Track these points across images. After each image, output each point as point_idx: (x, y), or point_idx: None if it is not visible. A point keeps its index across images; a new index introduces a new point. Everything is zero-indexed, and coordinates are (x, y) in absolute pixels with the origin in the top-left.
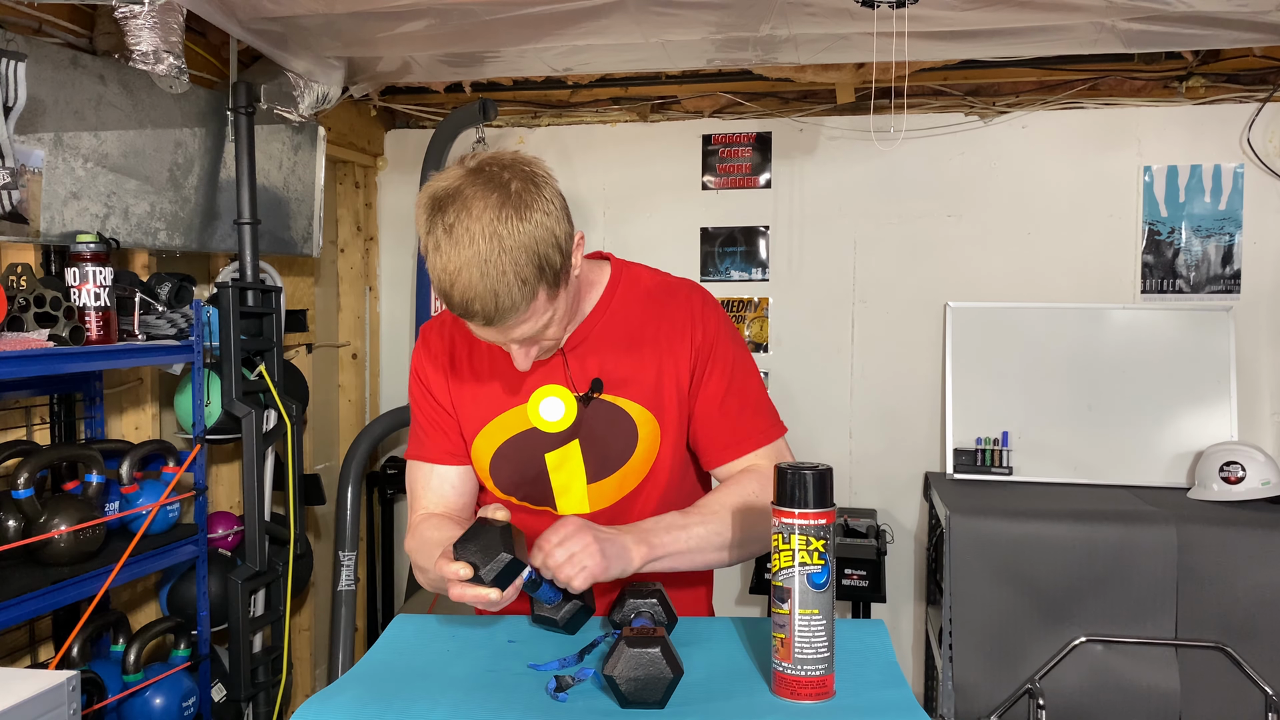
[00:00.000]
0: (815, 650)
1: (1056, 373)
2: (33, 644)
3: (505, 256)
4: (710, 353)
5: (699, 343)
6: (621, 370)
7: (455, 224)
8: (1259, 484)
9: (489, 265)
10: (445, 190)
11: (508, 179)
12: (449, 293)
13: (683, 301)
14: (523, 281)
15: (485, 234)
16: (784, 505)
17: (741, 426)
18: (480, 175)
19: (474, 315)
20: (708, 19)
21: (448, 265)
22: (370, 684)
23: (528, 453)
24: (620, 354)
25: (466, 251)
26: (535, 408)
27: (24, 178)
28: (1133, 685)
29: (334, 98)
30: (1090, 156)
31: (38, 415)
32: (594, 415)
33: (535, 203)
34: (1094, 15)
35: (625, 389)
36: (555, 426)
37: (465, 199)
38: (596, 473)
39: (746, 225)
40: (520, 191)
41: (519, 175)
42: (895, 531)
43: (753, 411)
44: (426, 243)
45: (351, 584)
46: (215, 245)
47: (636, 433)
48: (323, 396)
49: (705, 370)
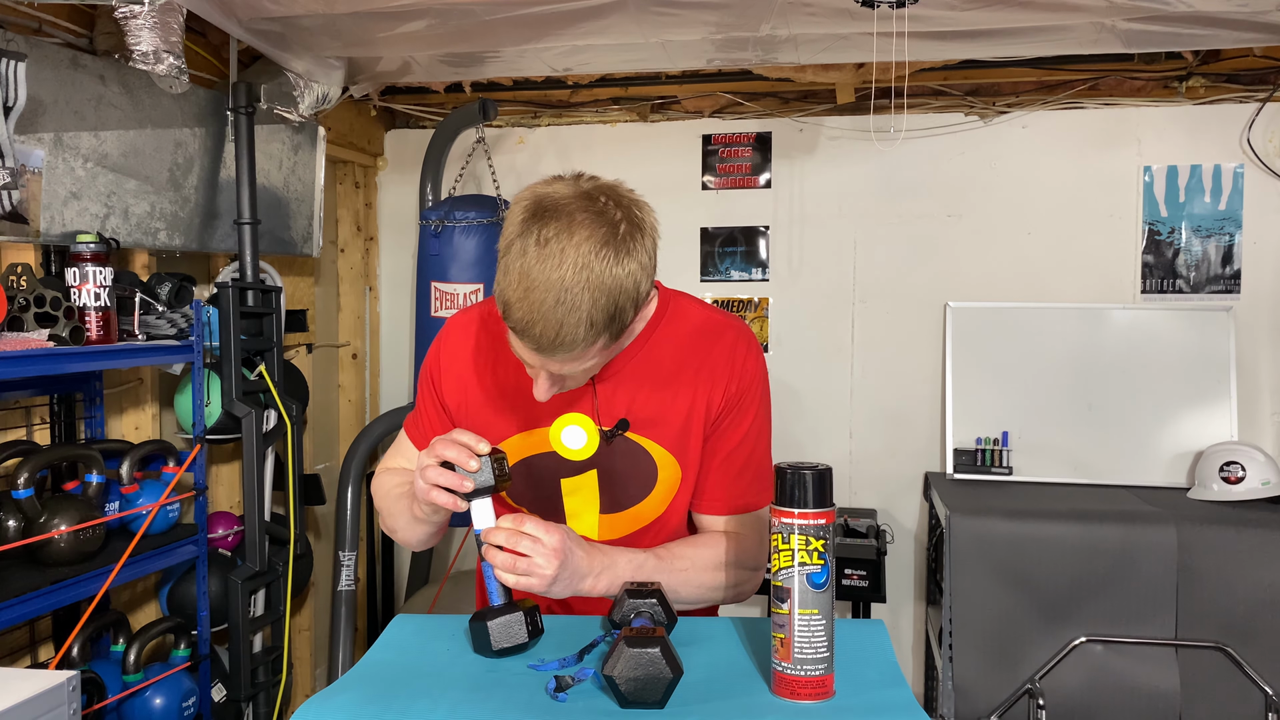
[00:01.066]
0: (815, 650)
1: (1056, 373)
2: (33, 644)
3: (586, 295)
4: (740, 402)
5: (733, 392)
6: (650, 410)
7: (553, 239)
8: (1259, 484)
9: (567, 295)
10: (553, 200)
11: (618, 219)
12: (515, 303)
13: (727, 346)
14: (591, 324)
15: (578, 264)
16: (783, 505)
17: (741, 484)
18: (593, 202)
19: (528, 336)
20: (708, 19)
21: (528, 276)
22: (370, 684)
23: (544, 473)
24: (651, 392)
25: (553, 272)
26: (558, 434)
27: (24, 178)
28: (1133, 685)
29: (334, 98)
30: (1090, 156)
31: (38, 415)
32: (615, 451)
33: (635, 251)
34: (1094, 15)
35: (651, 430)
36: (575, 455)
37: (572, 218)
38: (610, 506)
39: (746, 225)
40: (625, 236)
41: (629, 219)
42: (895, 531)
43: (755, 474)
44: (513, 244)
45: (351, 584)
46: (215, 245)
47: (656, 475)
48: (323, 396)
49: (731, 417)
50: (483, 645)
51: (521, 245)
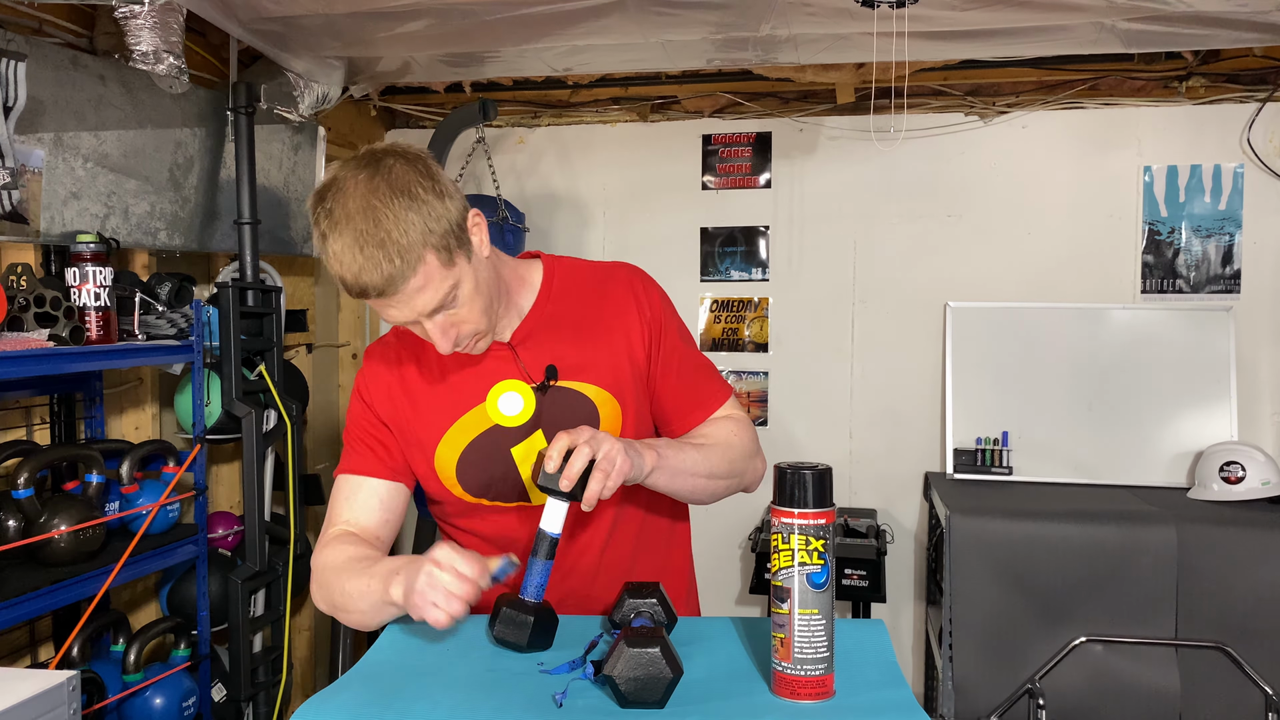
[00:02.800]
0: (815, 650)
1: (1056, 373)
2: (33, 644)
3: (382, 226)
4: (661, 328)
5: (649, 319)
6: (574, 356)
7: (334, 208)
8: (1259, 484)
9: (367, 236)
10: (324, 184)
11: (381, 157)
12: (344, 277)
13: (623, 282)
14: (405, 247)
15: (360, 209)
16: (783, 505)
17: (701, 390)
18: (355, 162)
19: (369, 290)
20: (708, 19)
21: (333, 249)
22: (370, 684)
23: (493, 451)
24: (570, 341)
25: (346, 231)
26: (494, 404)
27: (24, 178)
28: (1133, 685)
29: (334, 98)
30: (1090, 156)
31: (38, 415)
32: (553, 404)
33: (409, 175)
34: (1094, 15)
35: (581, 373)
36: (516, 420)
37: (341, 183)
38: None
39: (746, 225)
40: (394, 167)
41: (393, 154)
42: (895, 531)
43: (706, 375)
44: (316, 233)
45: None
46: (215, 245)
47: (597, 414)
48: (323, 396)
49: (660, 344)
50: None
51: (319, 233)
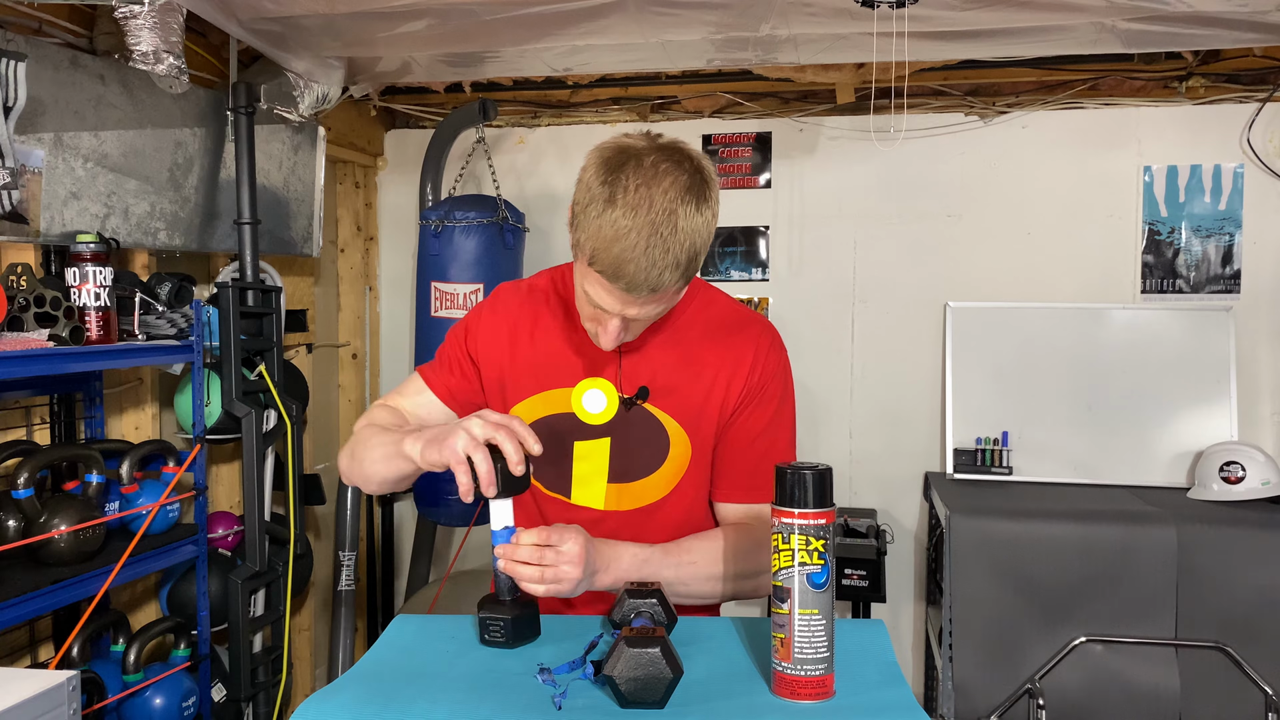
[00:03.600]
0: (815, 650)
1: (1056, 373)
2: (33, 644)
3: (673, 237)
4: (761, 392)
5: (754, 381)
6: (671, 383)
7: (640, 187)
8: (1259, 484)
9: (657, 238)
10: (631, 150)
11: (693, 168)
12: (607, 248)
13: (753, 337)
14: (675, 265)
15: (664, 209)
16: (784, 505)
17: (762, 472)
18: (668, 152)
19: (620, 278)
20: (708, 19)
21: (618, 222)
22: (370, 684)
23: (559, 435)
24: (674, 368)
25: (642, 217)
26: (579, 395)
27: (24, 178)
28: (1133, 685)
29: (334, 98)
30: (1090, 156)
31: (38, 415)
32: (631, 419)
33: (710, 200)
34: (1094, 15)
35: (669, 404)
36: (593, 419)
37: (655, 167)
38: (619, 474)
39: (746, 225)
40: (701, 184)
41: (701, 169)
42: (895, 531)
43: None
44: (597, 194)
45: (351, 584)
46: (215, 245)
47: (668, 448)
48: (323, 396)
49: (750, 405)
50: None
51: (608, 193)
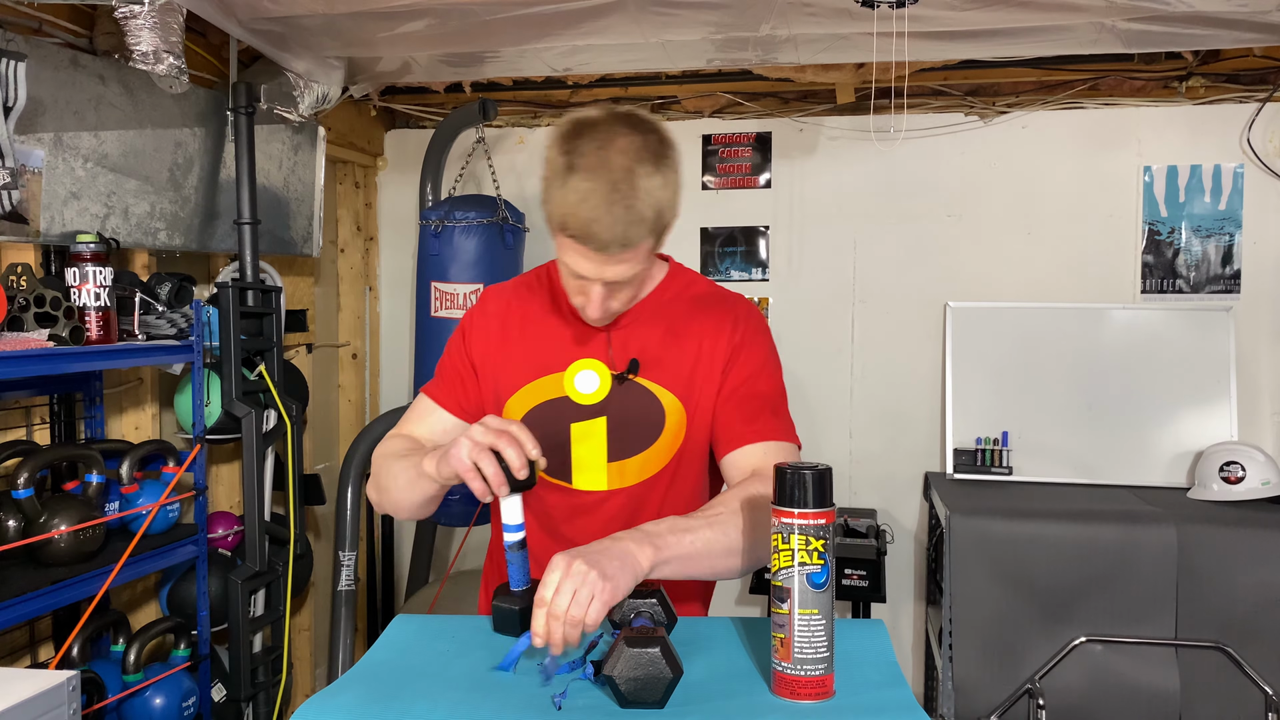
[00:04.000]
0: (815, 650)
1: (1056, 373)
2: (33, 644)
3: (634, 194)
4: (745, 349)
5: (736, 341)
6: (659, 357)
7: (597, 150)
8: (1259, 484)
9: (618, 195)
10: (590, 120)
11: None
12: (574, 212)
13: (730, 306)
14: (640, 220)
15: (623, 168)
16: (783, 505)
17: (757, 417)
18: (626, 118)
19: (589, 239)
20: (708, 19)
21: (579, 186)
22: (370, 684)
23: (555, 420)
24: (660, 342)
25: (602, 178)
26: (571, 378)
27: (24, 178)
28: (1133, 685)
29: (334, 98)
30: (1090, 156)
31: (38, 415)
32: (625, 395)
33: (667, 159)
34: (1094, 15)
35: (660, 375)
36: (587, 399)
37: (611, 132)
38: (618, 452)
39: (746, 225)
40: (659, 145)
41: (658, 133)
42: (895, 531)
43: (770, 411)
44: (559, 163)
45: (351, 584)
46: (215, 245)
47: (664, 419)
48: (323, 396)
49: (737, 361)
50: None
51: (568, 162)
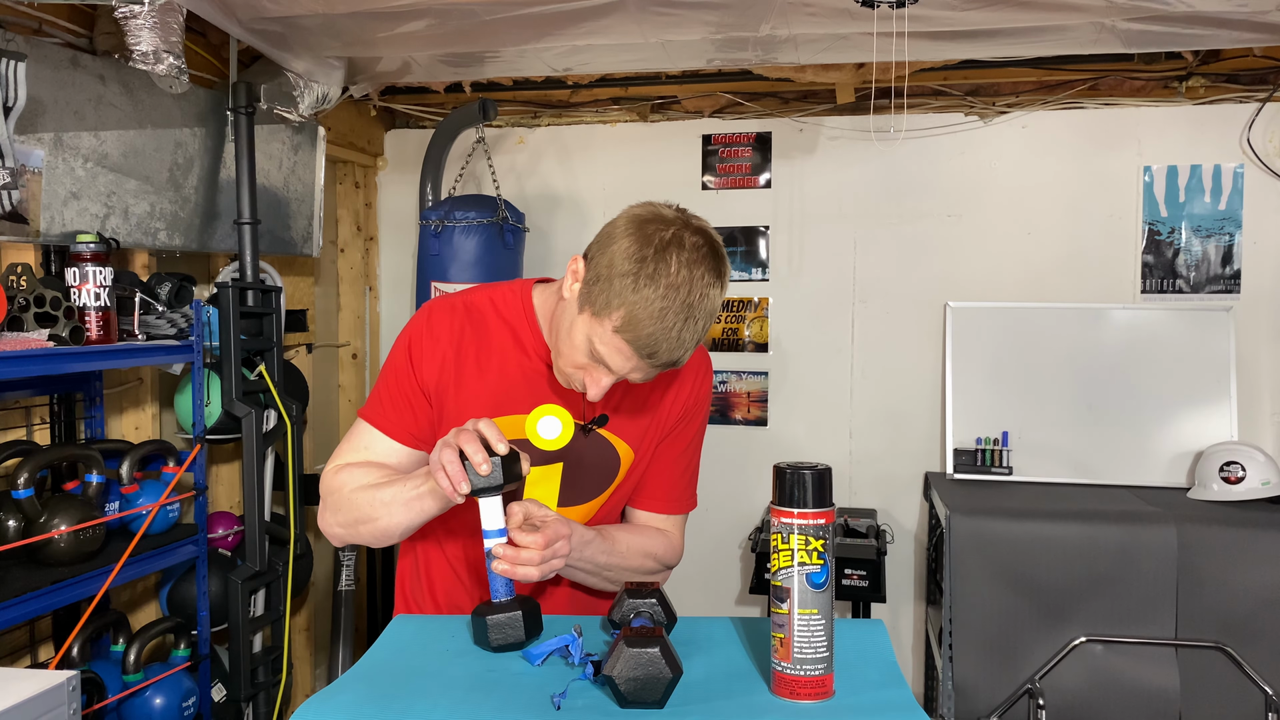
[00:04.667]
0: (814, 650)
1: (1056, 373)
2: (33, 644)
3: (701, 320)
4: (693, 413)
5: (690, 403)
6: (622, 408)
7: (683, 268)
8: (1259, 484)
9: (692, 320)
10: (667, 223)
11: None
12: (644, 324)
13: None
14: (696, 341)
15: (700, 293)
16: (783, 505)
17: (680, 490)
18: (697, 232)
19: (651, 354)
20: (708, 19)
21: (658, 301)
22: (370, 684)
23: None
24: (624, 393)
25: (681, 299)
26: (534, 423)
27: (24, 178)
28: (1133, 685)
29: (334, 98)
30: (1090, 156)
31: (38, 415)
32: (585, 444)
33: (724, 274)
34: (1094, 15)
35: (619, 426)
36: (547, 445)
37: (695, 250)
38: (569, 498)
39: (746, 225)
40: (720, 262)
41: (717, 244)
42: (895, 531)
43: (689, 481)
44: (633, 267)
45: (351, 584)
46: (215, 245)
47: (619, 469)
48: (323, 396)
49: (682, 424)
50: (481, 639)
51: (651, 269)
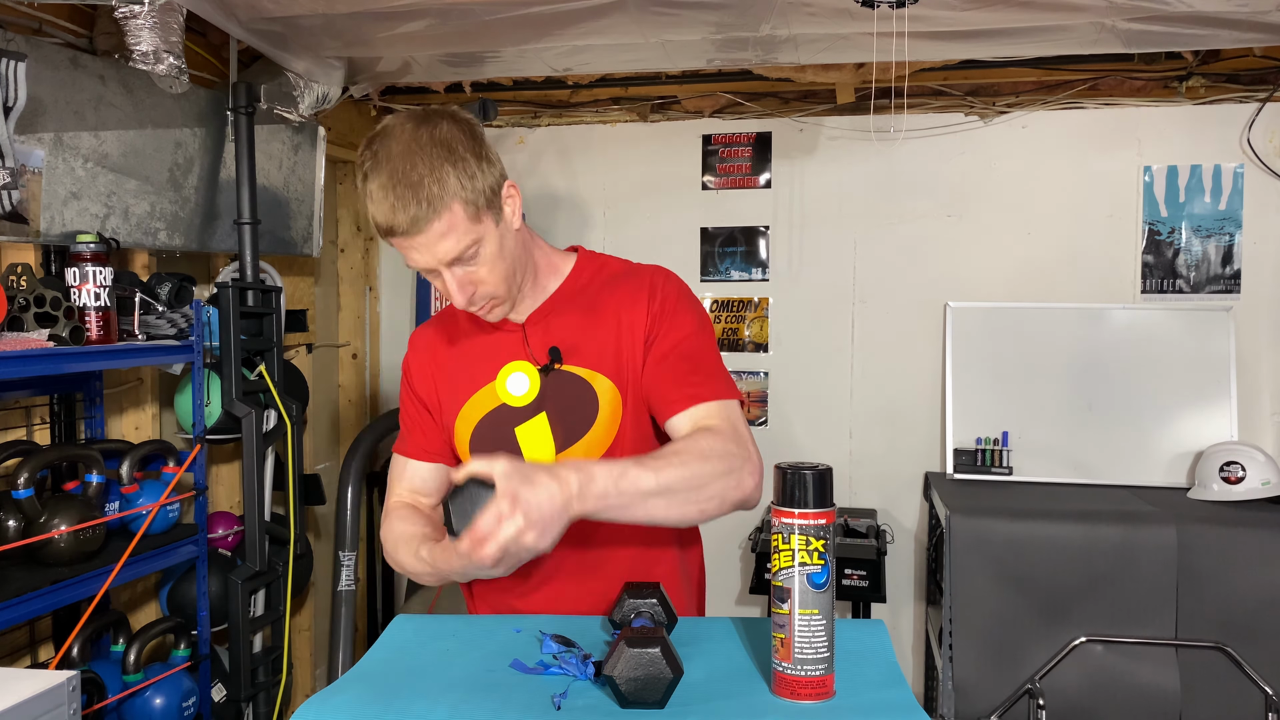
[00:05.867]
0: (815, 650)
1: (1056, 373)
2: (33, 644)
3: (416, 170)
4: (664, 317)
5: (655, 310)
6: (580, 341)
7: (379, 150)
8: (1259, 484)
9: (400, 177)
10: (375, 130)
11: (433, 115)
12: (376, 215)
13: (645, 277)
14: (434, 193)
15: (401, 153)
16: (784, 505)
17: (691, 380)
18: (407, 114)
19: (395, 229)
20: (708, 19)
21: (370, 187)
22: (370, 684)
23: (500, 429)
24: (578, 326)
25: (384, 170)
26: (502, 383)
27: (24, 178)
28: (1133, 685)
29: (334, 98)
30: (1090, 156)
31: (38, 415)
32: (557, 386)
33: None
34: (1094, 15)
35: (584, 358)
36: (521, 400)
37: (389, 130)
38: (564, 441)
39: (746, 225)
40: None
41: (445, 115)
42: (895, 531)
43: (705, 373)
44: (359, 185)
45: (351, 584)
46: (215, 245)
47: (597, 400)
48: (323, 396)
49: (659, 331)
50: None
51: (362, 172)
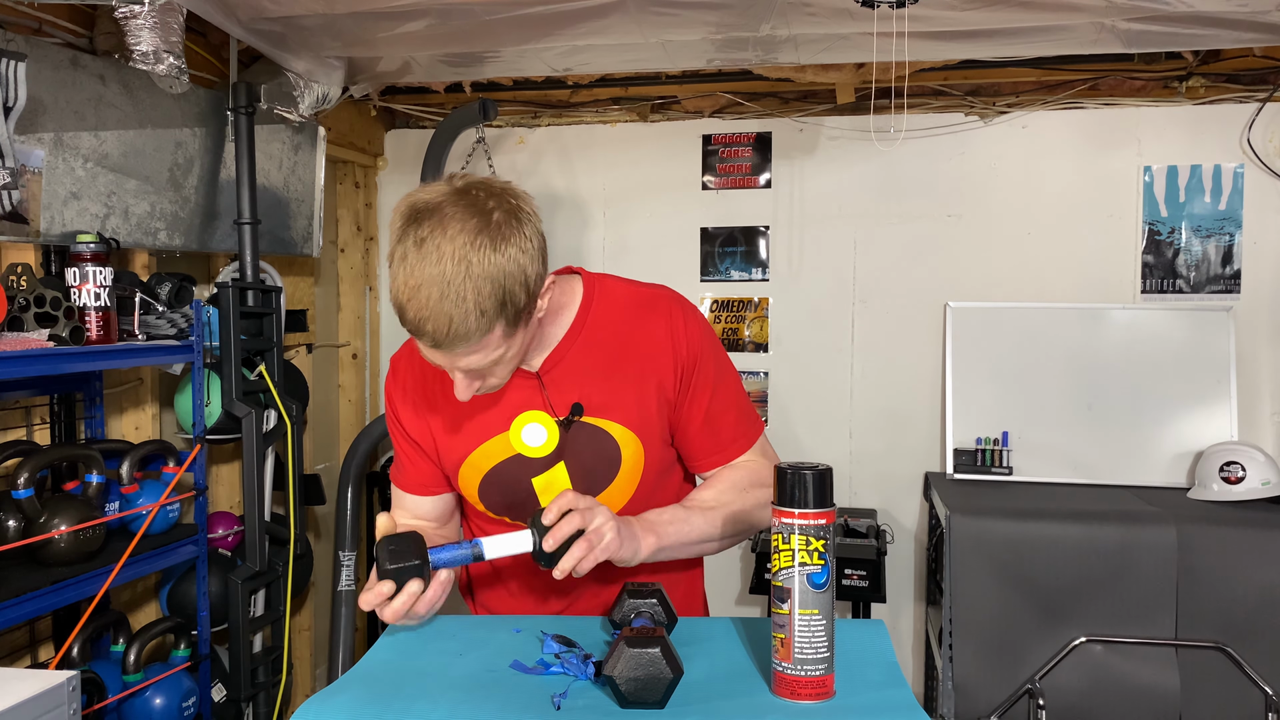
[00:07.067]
0: (815, 650)
1: (1056, 373)
2: (33, 644)
3: (469, 284)
4: (695, 368)
5: (684, 359)
6: (601, 393)
7: (427, 239)
8: (1259, 484)
9: (450, 288)
10: (425, 204)
11: (491, 207)
12: (404, 306)
13: (663, 315)
14: (481, 313)
15: (455, 256)
16: (784, 505)
17: (725, 434)
18: (464, 197)
19: (424, 335)
20: (708, 19)
21: (410, 279)
22: (370, 684)
23: (514, 478)
24: (599, 376)
25: (432, 269)
26: (518, 435)
27: (24, 178)
28: (1133, 685)
29: (334, 98)
30: (1090, 156)
31: (38, 415)
32: (577, 437)
33: (513, 237)
34: (1094, 15)
35: (607, 411)
36: (538, 452)
37: (444, 216)
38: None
39: (746, 225)
40: (500, 223)
41: (503, 207)
42: (895, 531)
43: (735, 418)
44: (394, 252)
45: (351, 584)
46: (215, 245)
47: (620, 453)
48: (323, 396)
49: (691, 385)
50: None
51: (402, 251)
